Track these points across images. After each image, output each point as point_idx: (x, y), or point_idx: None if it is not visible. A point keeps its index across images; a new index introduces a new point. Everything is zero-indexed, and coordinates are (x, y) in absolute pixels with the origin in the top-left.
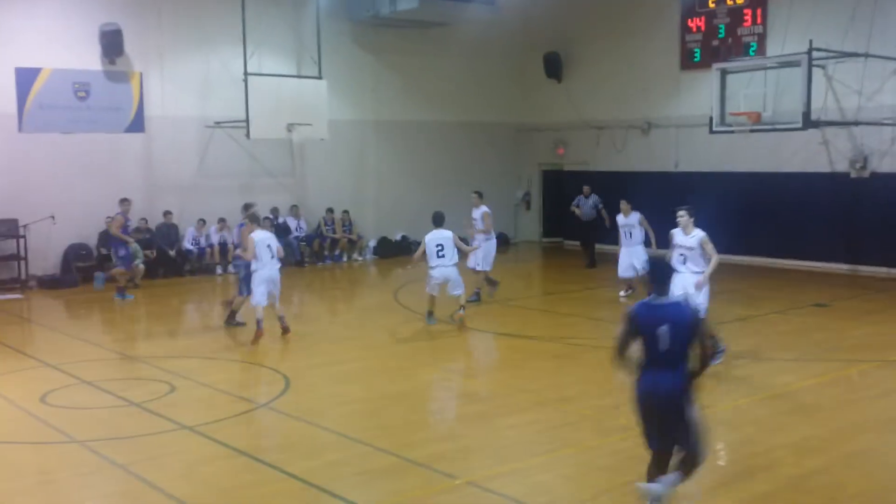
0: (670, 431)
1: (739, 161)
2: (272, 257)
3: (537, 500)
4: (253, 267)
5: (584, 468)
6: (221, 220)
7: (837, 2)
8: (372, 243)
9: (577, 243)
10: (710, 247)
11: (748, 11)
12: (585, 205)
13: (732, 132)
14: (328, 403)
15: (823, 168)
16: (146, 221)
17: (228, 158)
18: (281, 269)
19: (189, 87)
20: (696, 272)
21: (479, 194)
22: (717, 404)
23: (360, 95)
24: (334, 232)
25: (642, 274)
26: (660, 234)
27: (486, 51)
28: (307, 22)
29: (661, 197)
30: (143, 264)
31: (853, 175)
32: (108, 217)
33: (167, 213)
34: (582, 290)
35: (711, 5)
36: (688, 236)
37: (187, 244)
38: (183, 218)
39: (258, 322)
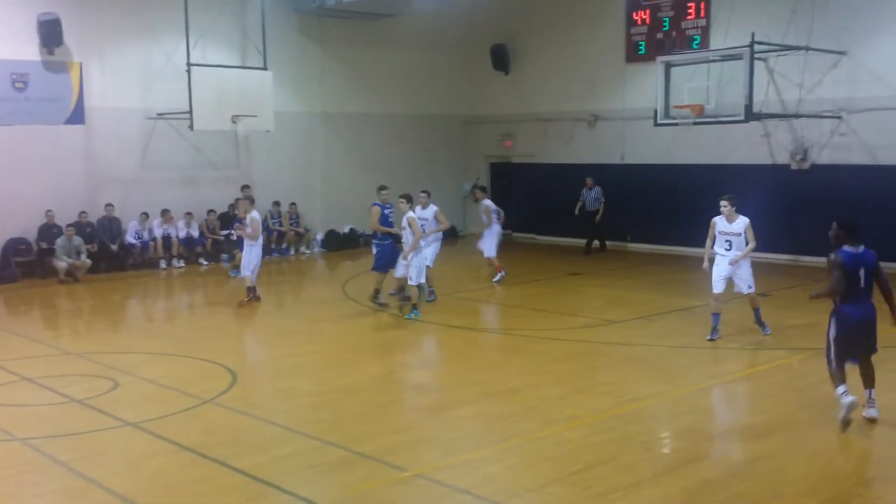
0: (869, 345)
1: (684, 153)
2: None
3: (486, 490)
4: (251, 243)
5: (532, 458)
6: (165, 212)
7: None
8: (319, 236)
9: (533, 235)
10: (751, 233)
11: (692, 5)
12: (588, 196)
13: (676, 125)
14: (276, 397)
15: (765, 160)
16: (87, 215)
17: (172, 151)
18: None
19: (130, 77)
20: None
21: (428, 193)
22: (660, 394)
23: (306, 87)
24: (281, 225)
25: None
26: (609, 231)
27: (434, 42)
28: (252, 12)
29: (609, 189)
30: (87, 259)
31: (794, 167)
32: (49, 210)
33: (109, 207)
34: (530, 282)
35: None
36: (732, 224)
37: (130, 238)
38: (125, 211)
39: (254, 290)
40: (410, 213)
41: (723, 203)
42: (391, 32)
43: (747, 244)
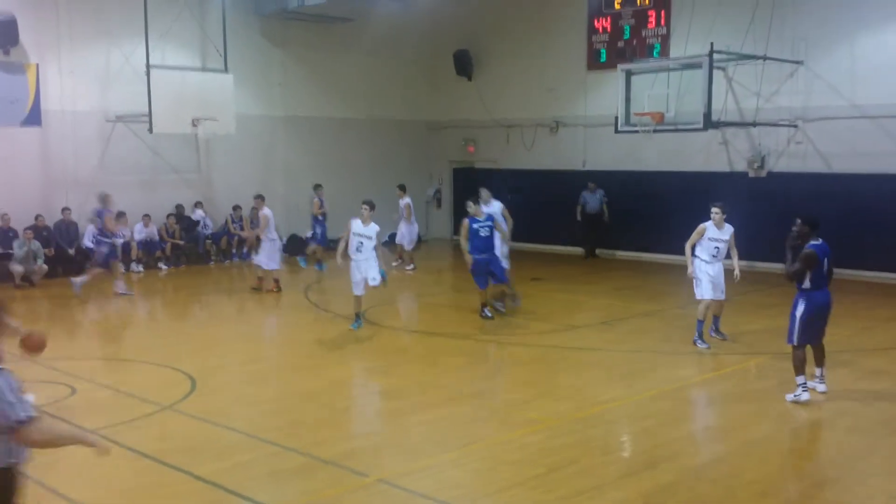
0: (824, 328)
1: (644, 160)
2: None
3: (448, 495)
4: (271, 236)
5: (494, 462)
6: (121, 215)
7: (737, 5)
8: (281, 241)
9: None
10: (733, 240)
11: (652, 13)
12: (592, 199)
13: (637, 132)
14: (236, 404)
15: (723, 167)
16: (44, 219)
17: (130, 154)
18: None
19: (89, 79)
20: (723, 262)
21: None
22: (620, 398)
23: (268, 90)
24: (242, 229)
25: None
26: (561, 228)
27: (397, 47)
28: (212, 14)
29: (569, 195)
30: (44, 264)
31: (751, 174)
32: (5, 214)
33: (66, 210)
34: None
35: (617, 6)
36: (721, 231)
37: (87, 242)
38: (83, 215)
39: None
40: (352, 221)
41: (715, 210)
42: (354, 36)
43: (729, 251)
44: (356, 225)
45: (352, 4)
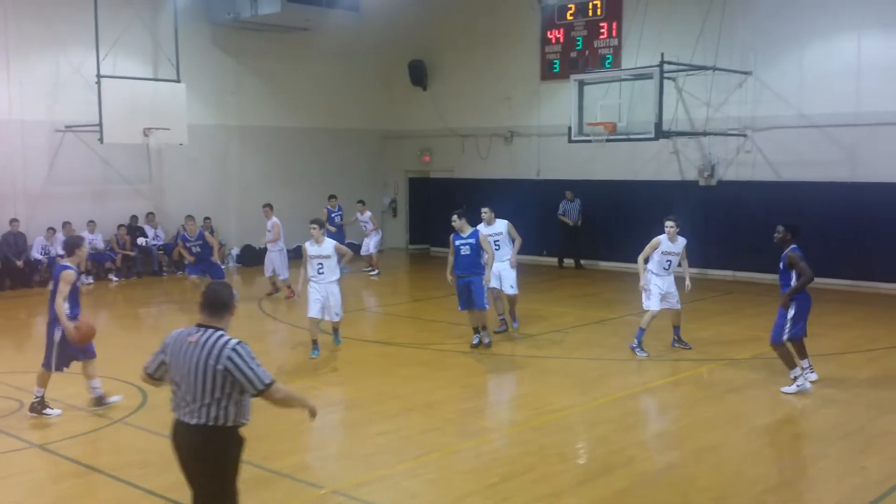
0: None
1: (598, 169)
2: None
3: None
4: (277, 247)
5: (449, 472)
6: (66, 224)
7: (687, 17)
8: (235, 251)
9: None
10: (685, 252)
11: (604, 24)
12: (572, 208)
13: (590, 141)
14: None
15: (674, 176)
16: None
17: (80, 164)
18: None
19: (38, 89)
20: (672, 274)
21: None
22: (575, 405)
23: (221, 100)
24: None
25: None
26: (528, 241)
27: (352, 57)
28: (164, 23)
29: (524, 204)
30: None
31: (702, 183)
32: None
33: (14, 222)
34: (447, 296)
35: (570, 18)
36: (675, 244)
37: (36, 254)
38: (31, 227)
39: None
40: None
41: (670, 224)
42: (308, 46)
43: (680, 262)
44: (311, 248)
45: (306, 14)
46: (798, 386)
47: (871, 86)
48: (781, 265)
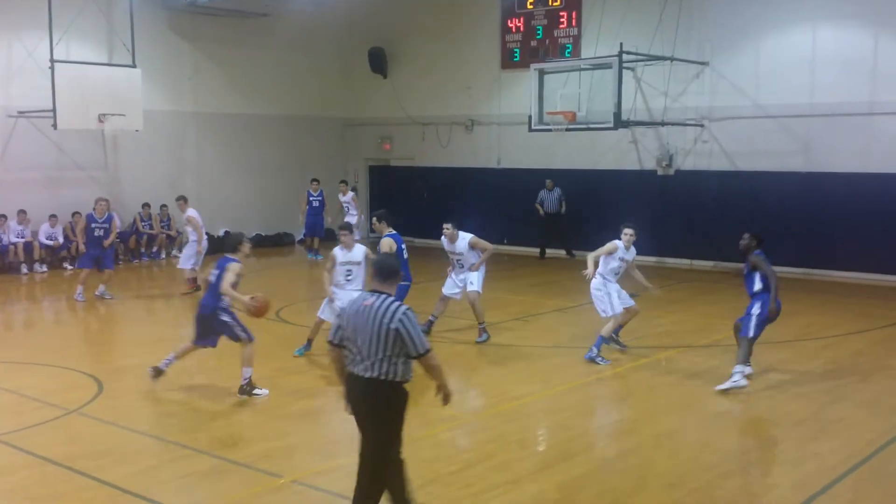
0: None
1: (558, 158)
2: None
3: None
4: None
5: (410, 460)
6: (21, 213)
7: (645, 8)
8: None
9: (411, 239)
10: (634, 262)
11: (564, 14)
12: (550, 197)
13: (550, 131)
14: (145, 406)
15: (633, 166)
16: None
17: (33, 150)
18: None
19: None
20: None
21: (346, 182)
22: (535, 392)
23: (178, 86)
24: (151, 228)
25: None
26: (488, 230)
27: (311, 43)
28: (119, 7)
29: (484, 193)
30: None
31: (660, 172)
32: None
33: None
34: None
35: (530, 6)
36: (628, 252)
37: None
38: None
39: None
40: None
41: (629, 231)
42: (267, 32)
43: (629, 271)
44: (341, 254)
45: (265, 0)
46: (733, 381)
47: (825, 77)
48: (746, 269)
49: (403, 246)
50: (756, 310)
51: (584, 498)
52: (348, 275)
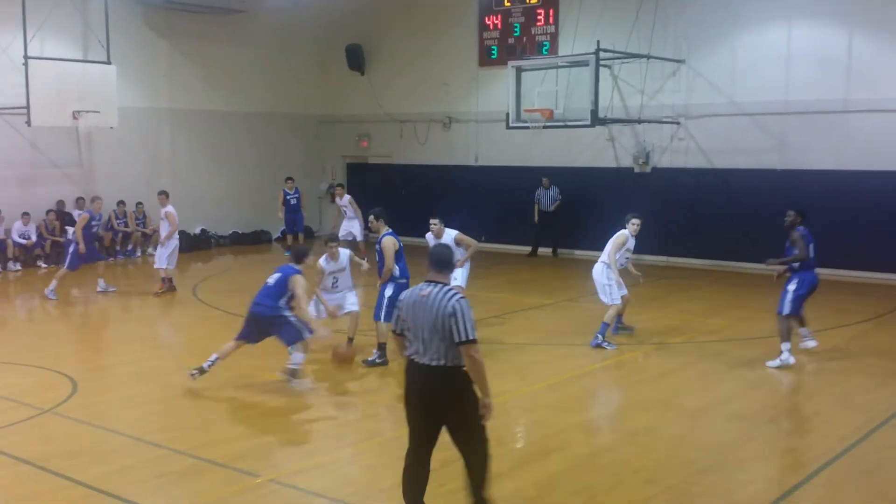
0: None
1: (535, 156)
2: None
3: (341, 492)
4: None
5: (387, 458)
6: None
7: (622, 6)
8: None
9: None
10: None
11: (541, 11)
12: (546, 196)
13: (528, 128)
14: (120, 406)
15: (610, 163)
16: None
17: (7, 148)
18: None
19: None
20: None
21: (342, 186)
22: (513, 390)
23: (153, 82)
24: (126, 226)
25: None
26: (466, 228)
27: (288, 40)
28: (94, 3)
29: (462, 190)
30: None
31: (637, 170)
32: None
33: None
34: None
35: (507, 4)
36: (633, 239)
37: None
38: None
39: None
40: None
41: (637, 221)
42: (243, 29)
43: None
44: (328, 265)
45: None
46: (781, 360)
47: (800, 75)
48: (788, 244)
49: (401, 244)
50: (792, 286)
51: (561, 495)
52: (334, 282)
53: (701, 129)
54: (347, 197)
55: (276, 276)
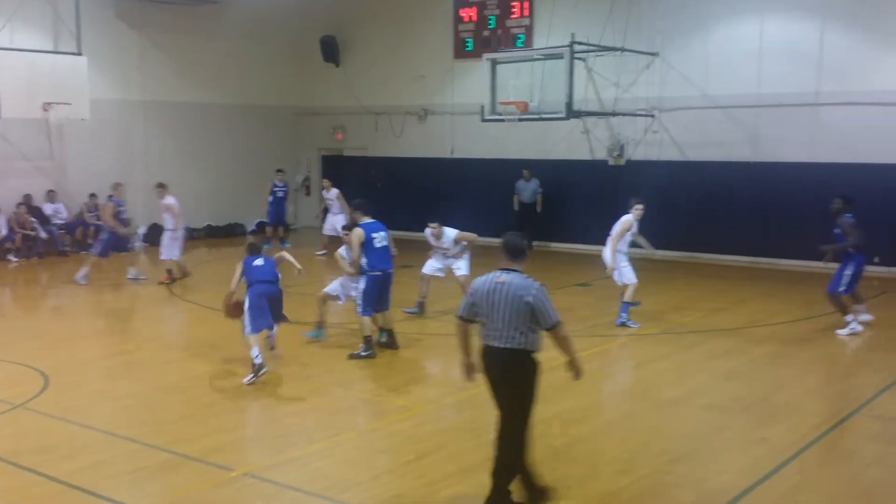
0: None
1: (510, 148)
2: None
3: (317, 486)
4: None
5: (363, 451)
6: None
7: None
8: (142, 230)
9: None
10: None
11: (516, 4)
12: (526, 188)
13: (503, 121)
14: (93, 400)
15: (585, 156)
16: None
17: None
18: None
19: None
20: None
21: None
22: None
23: (125, 74)
24: (98, 219)
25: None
26: (442, 220)
27: (262, 31)
28: None
29: (437, 182)
30: None
31: (611, 162)
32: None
33: None
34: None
35: None
36: (636, 223)
37: None
38: None
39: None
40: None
41: (640, 206)
42: (216, 20)
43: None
44: (348, 255)
45: None
46: (851, 328)
47: (772, 68)
48: (838, 231)
49: (374, 235)
50: (848, 270)
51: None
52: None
53: (675, 122)
54: (335, 191)
55: (261, 259)
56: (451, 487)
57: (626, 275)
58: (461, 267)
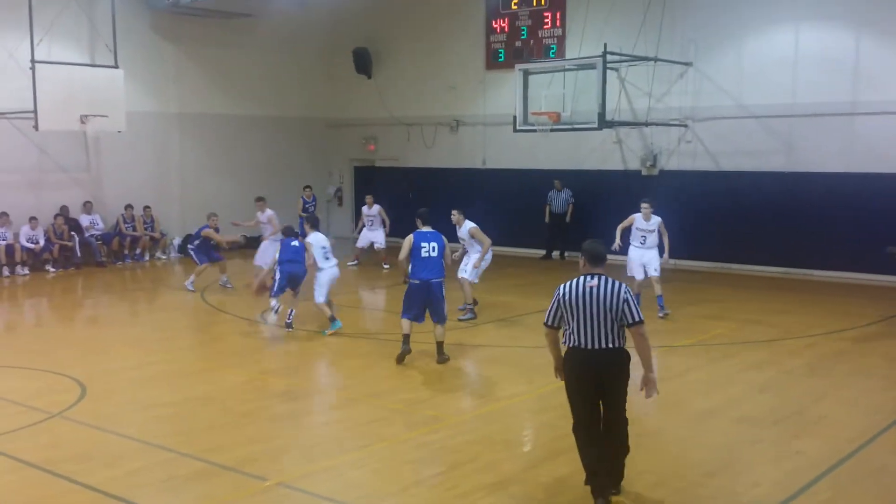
0: None
1: (542, 159)
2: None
3: (349, 496)
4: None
5: (394, 462)
6: (2, 215)
7: (629, 8)
8: (177, 241)
9: (398, 239)
10: (662, 228)
11: (549, 14)
12: (558, 198)
13: (535, 131)
14: (128, 409)
15: (618, 166)
16: None
17: (15, 152)
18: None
19: None
20: (653, 247)
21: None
22: (521, 393)
23: (161, 87)
24: (134, 230)
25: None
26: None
27: (295, 44)
28: (101, 7)
29: (469, 193)
30: None
31: (644, 173)
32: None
33: None
34: (393, 286)
35: (514, 7)
36: (649, 222)
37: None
38: None
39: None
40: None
41: (645, 205)
42: (251, 33)
43: (660, 238)
44: (319, 239)
45: (248, 0)
46: None
47: (806, 77)
48: None
49: (422, 245)
50: None
51: (569, 498)
52: (326, 253)
53: (708, 132)
54: (377, 207)
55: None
56: (483, 499)
57: (634, 270)
58: (466, 269)
